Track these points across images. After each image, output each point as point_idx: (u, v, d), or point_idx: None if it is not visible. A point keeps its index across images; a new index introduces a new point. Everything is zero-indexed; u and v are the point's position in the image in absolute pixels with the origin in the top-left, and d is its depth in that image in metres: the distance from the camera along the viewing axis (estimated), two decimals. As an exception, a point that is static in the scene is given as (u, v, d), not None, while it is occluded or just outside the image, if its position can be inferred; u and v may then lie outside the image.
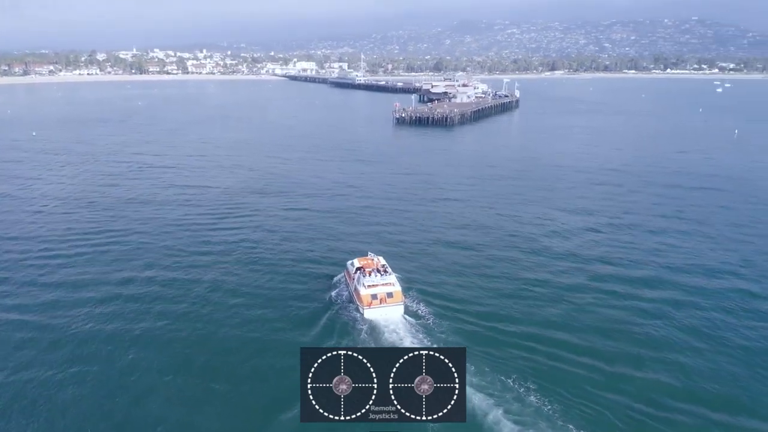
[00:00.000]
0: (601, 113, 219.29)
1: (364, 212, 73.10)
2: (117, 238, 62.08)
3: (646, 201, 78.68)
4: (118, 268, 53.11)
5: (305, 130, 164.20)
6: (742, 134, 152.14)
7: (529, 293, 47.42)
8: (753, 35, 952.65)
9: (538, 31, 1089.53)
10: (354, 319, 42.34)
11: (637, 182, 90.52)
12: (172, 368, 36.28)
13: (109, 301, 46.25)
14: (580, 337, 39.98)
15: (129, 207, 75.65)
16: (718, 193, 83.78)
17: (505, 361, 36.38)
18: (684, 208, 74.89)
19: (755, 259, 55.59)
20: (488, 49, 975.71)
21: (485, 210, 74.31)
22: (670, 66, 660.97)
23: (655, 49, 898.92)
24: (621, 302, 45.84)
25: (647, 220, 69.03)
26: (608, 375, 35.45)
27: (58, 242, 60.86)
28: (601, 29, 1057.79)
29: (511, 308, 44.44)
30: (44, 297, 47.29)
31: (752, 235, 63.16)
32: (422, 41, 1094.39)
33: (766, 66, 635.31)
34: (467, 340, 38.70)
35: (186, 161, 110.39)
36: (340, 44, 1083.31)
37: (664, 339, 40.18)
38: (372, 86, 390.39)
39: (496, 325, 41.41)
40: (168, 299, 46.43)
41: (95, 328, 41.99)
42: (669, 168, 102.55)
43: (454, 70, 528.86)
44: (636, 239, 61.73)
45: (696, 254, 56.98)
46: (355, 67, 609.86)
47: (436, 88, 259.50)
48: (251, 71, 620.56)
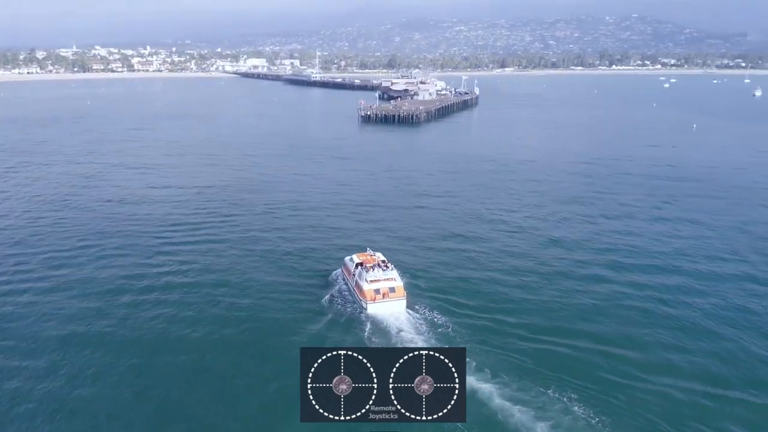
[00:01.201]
0: (562, 108, 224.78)
1: (354, 210, 72.84)
2: (103, 240, 59.88)
3: (636, 193, 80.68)
4: (112, 271, 51.45)
5: (271, 129, 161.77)
6: (701, 127, 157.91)
7: (527, 285, 48.15)
8: (690, 32, 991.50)
9: (485, 28, 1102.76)
10: (357, 315, 42.62)
11: (623, 176, 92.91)
12: (174, 370, 35.94)
13: (110, 304, 45.12)
14: (581, 331, 40.27)
15: (111, 208, 72.85)
16: (700, 185, 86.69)
17: (505, 355, 36.61)
18: (675, 199, 77.43)
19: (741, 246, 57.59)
20: (437, 47, 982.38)
21: (473, 205, 75.03)
22: (615, 62, 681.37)
23: (598, 46, 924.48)
24: (615, 292, 46.93)
25: (642, 211, 70.92)
26: (611, 366, 35.89)
27: (42, 244, 57.80)
28: (545, 27, 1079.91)
29: (510, 301, 45.01)
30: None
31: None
32: (372, 38, 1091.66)
33: (705, 61, 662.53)
34: (469, 333, 39.20)
35: (159, 161, 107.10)
36: (288, 41, 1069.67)
37: (668, 329, 40.80)
38: (328, 83, 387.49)
39: (497, 317, 41.84)
40: (162, 304, 45.21)
41: (98, 329, 41.47)
42: (647, 162, 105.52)
43: (407, 67, 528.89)
44: (635, 228, 63.63)
45: (694, 245, 58.67)
46: (308, 64, 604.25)
47: (396, 86, 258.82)
48: (200, 68, 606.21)
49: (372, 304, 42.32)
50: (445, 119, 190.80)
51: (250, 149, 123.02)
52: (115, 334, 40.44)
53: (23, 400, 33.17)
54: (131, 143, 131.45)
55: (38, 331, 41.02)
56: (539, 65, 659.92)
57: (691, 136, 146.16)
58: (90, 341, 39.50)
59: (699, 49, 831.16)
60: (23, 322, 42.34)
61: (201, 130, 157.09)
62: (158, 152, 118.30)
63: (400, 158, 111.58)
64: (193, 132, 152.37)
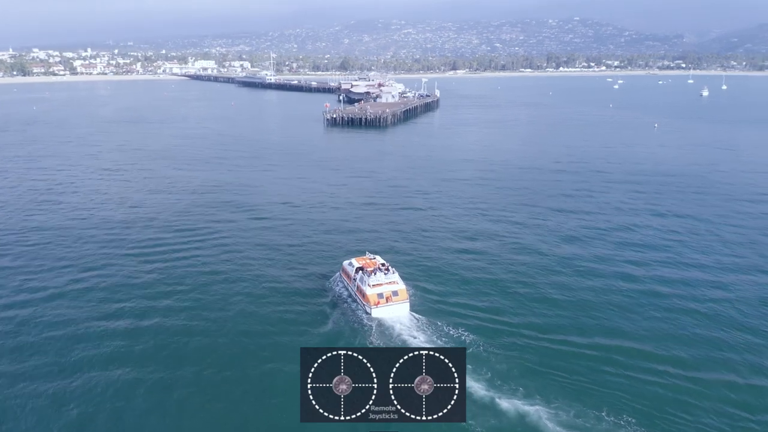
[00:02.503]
0: (525, 110, 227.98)
1: (344, 215, 71.72)
2: (107, 250, 56.76)
3: (621, 197, 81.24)
4: (114, 279, 49.74)
5: (237, 133, 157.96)
6: (662, 127, 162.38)
7: (528, 283, 48.67)
8: (629, 34, 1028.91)
9: (433, 31, 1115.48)
10: (360, 320, 42.19)
11: (607, 179, 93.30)
12: (176, 372, 36.05)
13: (116, 310, 44.63)
14: (581, 333, 40.62)
15: (97, 217, 68.74)
16: (682, 183, 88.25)
17: (507, 354, 36.82)
18: (660, 200, 78.28)
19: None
20: (387, 49, 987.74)
21: (462, 206, 74.97)
22: (562, 64, 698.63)
23: (543, 48, 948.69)
24: (612, 292, 47.42)
25: (636, 211, 71.58)
26: (612, 365, 36.13)
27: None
28: (491, 30, 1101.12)
29: (510, 303, 45.18)
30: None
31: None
32: (321, 40, 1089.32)
33: (647, 63, 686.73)
34: (473, 334, 39.22)
35: (128, 169, 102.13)
36: (236, 42, 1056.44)
37: (666, 329, 41.37)
38: (284, 86, 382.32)
39: (498, 318, 42.20)
40: (160, 313, 44.11)
41: (106, 330, 41.76)
42: (625, 161, 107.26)
43: (360, 69, 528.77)
44: (628, 225, 63.95)
45: (688, 240, 59.61)
46: (260, 66, 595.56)
47: (357, 88, 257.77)
48: (147, 71, 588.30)
49: (376, 308, 42.02)
50: (410, 122, 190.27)
51: (221, 154, 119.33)
52: (121, 337, 40.38)
53: None
54: (93, 149, 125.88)
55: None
56: (489, 67, 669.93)
57: (656, 135, 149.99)
58: (94, 342, 39.61)
59: (638, 50, 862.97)
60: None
61: (164, 135, 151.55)
62: (126, 159, 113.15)
63: (378, 162, 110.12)
64: (156, 137, 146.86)
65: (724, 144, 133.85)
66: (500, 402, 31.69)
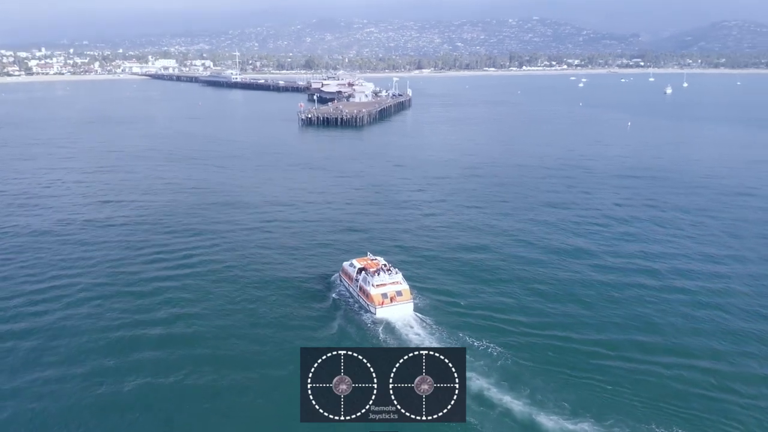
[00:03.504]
0: (498, 109, 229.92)
1: (338, 217, 70.96)
2: (102, 250, 55.16)
3: (612, 196, 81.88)
4: (114, 288, 49.02)
5: (211, 134, 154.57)
6: (635, 126, 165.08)
7: (527, 286, 49.04)
8: (587, 33, 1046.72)
9: (395, 30, 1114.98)
10: (365, 320, 42.58)
11: (597, 178, 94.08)
12: (176, 373, 36.04)
13: (119, 310, 44.67)
14: (583, 331, 41.10)
15: (92, 220, 65.78)
16: (666, 180, 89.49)
17: (509, 352, 37.24)
18: (656, 196, 79.15)
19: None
20: (350, 48, 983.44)
21: (453, 208, 75.02)
22: (525, 63, 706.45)
23: (503, 47, 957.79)
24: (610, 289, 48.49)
25: (630, 209, 72.15)
26: (615, 364, 36.64)
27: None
28: (453, 29, 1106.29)
29: (510, 301, 46.02)
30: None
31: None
32: (282, 38, 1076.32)
33: (607, 61, 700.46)
34: (476, 333, 39.80)
35: (107, 172, 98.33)
36: (195, 41, 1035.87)
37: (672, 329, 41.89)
38: (251, 85, 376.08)
39: (501, 317, 42.84)
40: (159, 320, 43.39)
41: (110, 330, 41.76)
42: (610, 160, 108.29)
43: (325, 68, 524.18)
44: (632, 229, 64.63)
45: (673, 238, 60.60)
46: (222, 65, 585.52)
47: (328, 87, 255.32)
48: (105, 70, 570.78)
49: (381, 308, 42.24)
50: (385, 121, 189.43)
51: (201, 155, 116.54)
52: (126, 340, 40.40)
53: None
54: (66, 151, 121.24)
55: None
56: (454, 67, 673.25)
57: (631, 133, 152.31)
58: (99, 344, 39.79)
59: (596, 49, 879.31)
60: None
61: (137, 136, 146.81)
62: (103, 162, 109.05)
63: (363, 163, 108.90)
64: (129, 139, 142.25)
65: (701, 141, 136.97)
66: (502, 398, 32.14)
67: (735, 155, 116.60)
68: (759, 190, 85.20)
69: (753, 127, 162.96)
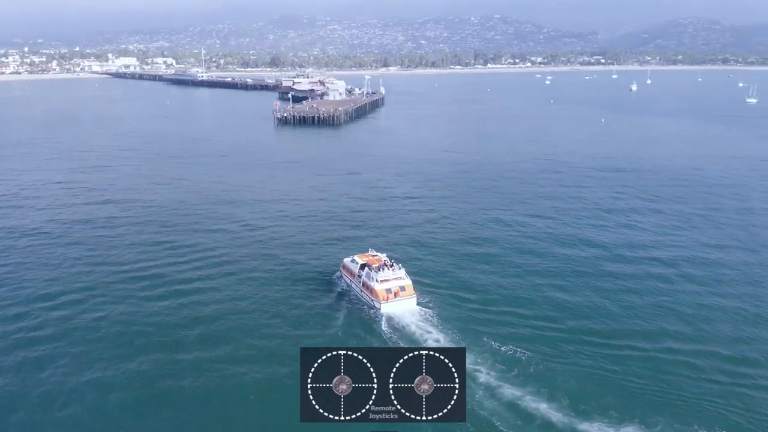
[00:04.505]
0: (474, 106, 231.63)
1: (332, 215, 70.93)
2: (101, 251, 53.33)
3: (605, 191, 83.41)
4: (114, 291, 48.46)
5: (186, 134, 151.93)
6: (608, 122, 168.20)
7: (528, 280, 50.05)
8: (547, 31, 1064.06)
9: (358, 27, 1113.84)
10: (370, 315, 43.31)
11: (586, 174, 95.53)
12: (177, 373, 36.27)
13: (119, 313, 44.32)
14: (585, 325, 42.15)
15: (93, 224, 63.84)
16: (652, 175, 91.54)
17: (510, 350, 37.70)
18: (651, 192, 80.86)
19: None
20: (313, 45, 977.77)
21: (446, 205, 75.58)
22: (490, 61, 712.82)
23: (466, 45, 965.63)
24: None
25: (619, 205, 73.61)
26: (617, 363, 37.17)
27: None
28: (416, 27, 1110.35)
29: (511, 294, 47.03)
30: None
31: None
32: (244, 36, 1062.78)
33: (569, 59, 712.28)
34: (477, 326, 40.85)
35: (86, 174, 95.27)
36: (154, 38, 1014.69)
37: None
38: (218, 83, 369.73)
39: (502, 309, 44.00)
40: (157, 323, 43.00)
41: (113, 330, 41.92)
42: (595, 158, 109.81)
43: (292, 65, 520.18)
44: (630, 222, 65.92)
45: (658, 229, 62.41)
46: (185, 62, 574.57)
47: (300, 85, 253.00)
48: (64, 69, 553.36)
49: (386, 303, 43.09)
50: (361, 119, 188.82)
51: (180, 155, 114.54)
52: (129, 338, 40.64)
53: None
54: (36, 152, 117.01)
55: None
56: (420, 64, 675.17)
57: (607, 129, 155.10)
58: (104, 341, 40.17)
59: (557, 47, 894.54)
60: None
61: (109, 137, 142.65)
62: (80, 164, 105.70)
63: (347, 162, 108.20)
64: (102, 139, 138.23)
65: (674, 136, 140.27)
66: (504, 399, 32.47)
67: (706, 149, 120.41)
68: (733, 180, 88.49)
69: (717, 123, 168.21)
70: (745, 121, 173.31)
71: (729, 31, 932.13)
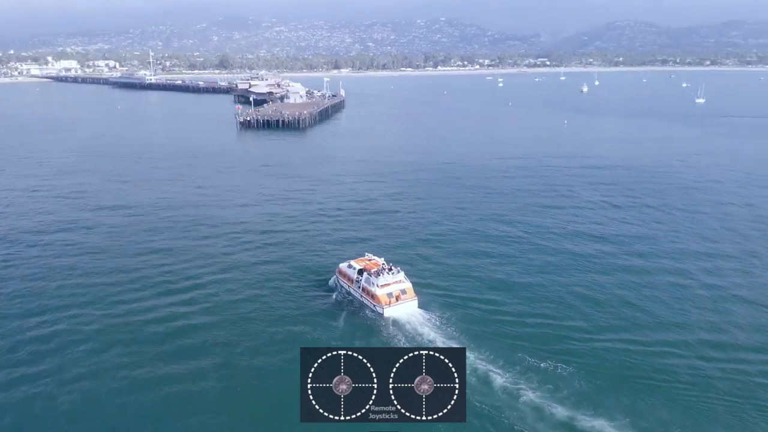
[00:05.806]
0: (434, 108, 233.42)
1: (318, 221, 70.02)
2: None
3: (591, 192, 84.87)
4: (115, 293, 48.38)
5: (147, 138, 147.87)
6: (570, 123, 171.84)
7: (523, 280, 50.79)
8: (492, 33, 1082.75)
9: (305, 29, 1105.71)
10: (372, 320, 43.33)
11: (567, 176, 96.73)
12: (178, 374, 36.45)
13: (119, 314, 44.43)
14: (581, 322, 42.94)
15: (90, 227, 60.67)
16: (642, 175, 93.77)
17: (510, 348, 38.27)
18: (629, 193, 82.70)
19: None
20: (259, 47, 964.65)
21: (431, 207, 76.17)
22: (440, 63, 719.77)
23: (413, 47, 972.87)
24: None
25: (607, 206, 75.30)
26: (620, 363, 37.83)
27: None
28: (363, 29, 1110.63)
29: (511, 295, 47.52)
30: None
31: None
32: (187, 37, 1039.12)
33: (516, 61, 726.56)
34: (479, 327, 41.40)
35: (51, 184, 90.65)
36: (93, 40, 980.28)
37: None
38: (167, 86, 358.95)
39: (499, 309, 44.74)
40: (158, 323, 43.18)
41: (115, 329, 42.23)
42: (572, 158, 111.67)
43: (240, 67, 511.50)
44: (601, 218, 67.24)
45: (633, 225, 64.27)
46: (128, 65, 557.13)
47: (257, 88, 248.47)
48: (0, 73, 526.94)
49: (388, 308, 43.16)
50: (325, 122, 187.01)
51: (146, 163, 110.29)
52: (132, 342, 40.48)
53: None
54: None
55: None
56: (372, 66, 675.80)
57: (572, 130, 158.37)
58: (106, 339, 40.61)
59: (502, 49, 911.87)
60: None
61: (67, 144, 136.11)
62: (42, 172, 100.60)
63: (323, 167, 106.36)
64: (60, 145, 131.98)
65: (636, 137, 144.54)
66: (502, 392, 32.88)
67: (665, 148, 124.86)
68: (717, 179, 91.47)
69: (675, 123, 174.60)
70: (700, 120, 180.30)
71: (665, 33, 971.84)
